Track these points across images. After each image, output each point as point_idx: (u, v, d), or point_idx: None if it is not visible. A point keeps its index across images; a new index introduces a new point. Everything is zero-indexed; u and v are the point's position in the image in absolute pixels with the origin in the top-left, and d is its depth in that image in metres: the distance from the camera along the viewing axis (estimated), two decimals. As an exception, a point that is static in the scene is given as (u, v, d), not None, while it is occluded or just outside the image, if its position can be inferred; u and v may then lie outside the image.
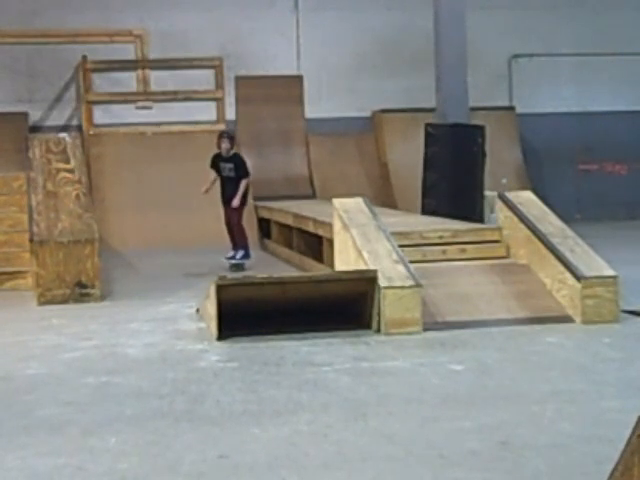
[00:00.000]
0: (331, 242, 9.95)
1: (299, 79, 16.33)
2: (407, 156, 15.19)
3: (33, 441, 5.35)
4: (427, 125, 12.34)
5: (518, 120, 16.68)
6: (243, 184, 12.07)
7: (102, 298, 9.92)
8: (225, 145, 12.11)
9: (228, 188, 12.09)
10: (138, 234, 14.34)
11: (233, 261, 12.10)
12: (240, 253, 12.13)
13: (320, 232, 11.01)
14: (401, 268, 8.28)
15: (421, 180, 12.23)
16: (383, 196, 15.57)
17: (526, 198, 9.83)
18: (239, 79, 16.11)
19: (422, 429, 5.43)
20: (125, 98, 15.83)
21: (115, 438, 5.37)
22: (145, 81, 15.95)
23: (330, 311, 8.10)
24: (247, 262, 12.11)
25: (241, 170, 12.12)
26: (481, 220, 10.24)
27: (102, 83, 15.77)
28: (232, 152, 12.23)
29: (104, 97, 15.75)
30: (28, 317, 9.21)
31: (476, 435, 5.26)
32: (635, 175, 17.23)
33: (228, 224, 12.24)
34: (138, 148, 15.33)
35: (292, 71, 16.35)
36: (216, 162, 12.24)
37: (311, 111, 16.19)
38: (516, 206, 9.57)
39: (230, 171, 12.09)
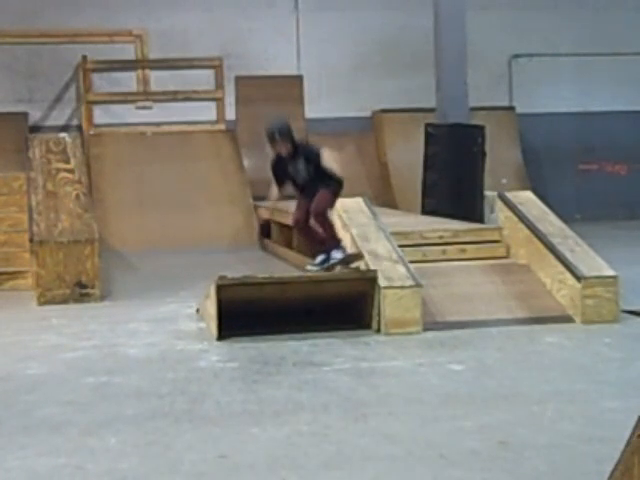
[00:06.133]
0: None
1: (299, 79, 16.31)
2: (407, 156, 15.17)
3: (33, 441, 5.35)
4: (427, 125, 12.33)
5: (518, 120, 16.66)
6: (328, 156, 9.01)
7: (102, 298, 9.92)
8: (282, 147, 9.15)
9: (309, 192, 9.19)
10: (138, 234, 14.31)
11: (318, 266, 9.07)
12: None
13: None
14: (401, 268, 8.28)
15: (421, 180, 12.21)
16: (383, 196, 15.56)
17: (526, 198, 9.83)
18: (239, 79, 16.09)
19: (422, 429, 5.43)
20: (125, 98, 15.81)
21: (115, 438, 5.37)
22: (145, 81, 15.94)
23: (330, 311, 8.10)
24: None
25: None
26: (481, 220, 10.24)
27: (102, 83, 15.75)
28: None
29: (104, 97, 15.73)
30: (28, 317, 9.21)
31: (476, 435, 5.27)
32: (635, 175, 17.21)
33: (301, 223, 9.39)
34: (138, 148, 15.30)
35: (292, 71, 16.33)
36: (281, 168, 9.32)
37: (311, 111, 16.15)
38: (516, 206, 9.58)
39: (305, 171, 9.23)
